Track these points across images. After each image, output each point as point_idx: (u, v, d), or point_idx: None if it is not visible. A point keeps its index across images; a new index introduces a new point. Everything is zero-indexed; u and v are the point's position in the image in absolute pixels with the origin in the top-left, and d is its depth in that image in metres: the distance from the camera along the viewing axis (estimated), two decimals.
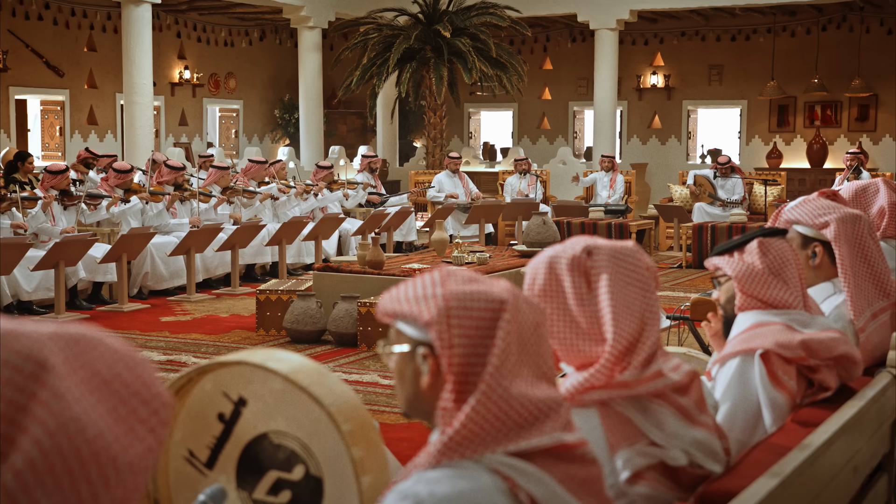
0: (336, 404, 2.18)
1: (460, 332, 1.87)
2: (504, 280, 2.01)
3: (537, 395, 1.88)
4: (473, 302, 1.89)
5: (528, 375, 1.89)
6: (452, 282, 1.93)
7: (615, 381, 2.35)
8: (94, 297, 10.66)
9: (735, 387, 3.00)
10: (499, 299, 1.89)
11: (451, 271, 1.98)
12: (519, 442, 1.86)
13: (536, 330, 1.94)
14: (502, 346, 1.85)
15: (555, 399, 1.91)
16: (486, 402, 1.83)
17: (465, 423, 1.83)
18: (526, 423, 1.86)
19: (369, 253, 9.22)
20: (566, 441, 1.90)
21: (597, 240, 2.47)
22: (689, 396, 2.43)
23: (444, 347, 1.86)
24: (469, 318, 1.87)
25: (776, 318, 3.08)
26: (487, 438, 1.84)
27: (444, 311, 1.88)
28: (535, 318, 1.94)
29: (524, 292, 2.49)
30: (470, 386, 1.85)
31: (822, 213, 3.66)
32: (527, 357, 1.91)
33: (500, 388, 1.84)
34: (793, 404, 2.96)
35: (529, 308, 1.94)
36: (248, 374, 2.32)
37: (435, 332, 1.87)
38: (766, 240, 3.14)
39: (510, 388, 1.85)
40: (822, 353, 2.98)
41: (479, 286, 1.92)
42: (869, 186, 4.95)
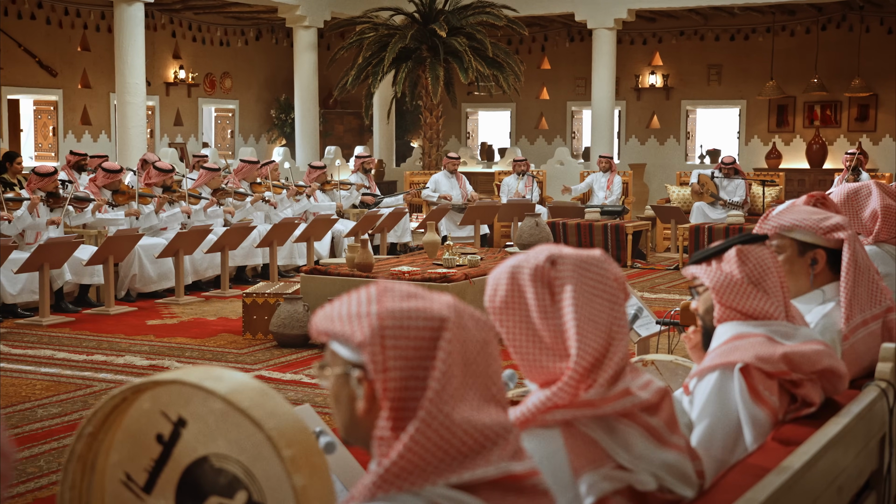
0: (278, 428, 2.03)
1: (396, 353, 1.73)
2: (447, 295, 1.86)
3: (483, 421, 1.74)
4: (410, 320, 1.75)
5: (473, 399, 1.75)
6: (389, 298, 1.79)
7: (580, 400, 2.20)
8: (81, 299, 10.52)
9: (714, 403, 2.85)
10: (439, 317, 1.75)
11: (388, 286, 1.84)
12: (462, 473, 1.71)
13: (484, 349, 1.80)
14: (443, 369, 1.71)
15: (503, 425, 1.76)
16: (426, 429, 1.69)
17: (403, 454, 1.69)
18: (470, 451, 1.72)
19: (358, 255, 9.08)
20: (514, 471, 1.75)
21: (562, 249, 2.33)
22: (659, 416, 2.28)
23: (378, 371, 1.73)
24: (405, 338, 1.73)
25: (756, 329, 2.93)
26: (428, 469, 1.70)
27: (378, 331, 1.74)
28: (482, 336, 1.80)
29: (486, 304, 2.35)
30: (408, 412, 1.71)
31: (822, 217, 3.51)
32: (472, 379, 1.77)
33: (442, 415, 1.70)
34: (774, 421, 2.81)
35: (476, 325, 1.80)
36: (187, 393, 2.17)
37: (368, 355, 1.73)
38: (744, 247, 2.99)
39: (452, 413, 1.71)
40: (805, 367, 2.83)
41: (417, 303, 1.78)
42: (861, 189, 4.80)
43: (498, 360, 1.83)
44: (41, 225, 10.19)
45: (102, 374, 7.57)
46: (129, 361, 7.97)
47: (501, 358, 1.85)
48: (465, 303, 1.84)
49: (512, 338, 2.28)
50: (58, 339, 8.86)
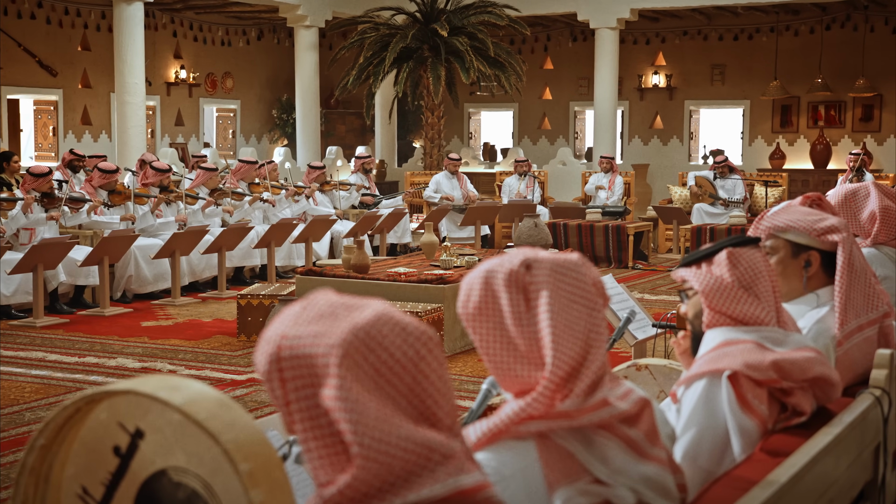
0: (235, 441, 1.93)
1: (295, 384, 1.63)
2: (372, 307, 1.73)
3: (419, 439, 1.64)
4: (307, 348, 1.64)
5: (401, 421, 1.65)
6: (293, 319, 1.69)
7: (555, 411, 2.10)
8: (76, 300, 10.43)
9: (701, 412, 2.75)
10: (334, 343, 1.64)
11: (311, 301, 1.74)
12: (407, 496, 1.61)
13: (414, 366, 1.68)
14: (347, 397, 1.60)
15: (441, 443, 1.66)
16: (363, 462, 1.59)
17: (344, 488, 1.60)
18: (413, 471, 1.62)
19: (354, 256, 8.99)
20: (464, 486, 1.65)
21: (538, 252, 2.23)
22: (638, 427, 2.18)
23: (280, 405, 1.63)
24: (299, 366, 1.63)
25: (746, 335, 2.82)
26: (371, 495, 1.61)
27: (276, 361, 1.64)
28: (411, 353, 1.69)
29: (458, 310, 2.25)
30: (329, 445, 1.61)
31: (817, 218, 3.40)
32: (395, 400, 1.66)
33: (375, 441, 1.60)
34: (763, 430, 2.71)
35: (403, 341, 1.68)
36: (144, 404, 2.08)
37: (267, 388, 1.64)
38: (736, 250, 2.89)
39: (385, 437, 1.61)
40: (796, 375, 2.73)
41: (319, 326, 1.67)
42: (859, 190, 4.70)
43: (437, 376, 1.71)
44: (41, 220, 10.11)
45: (93, 377, 7.48)
46: (120, 364, 7.89)
47: (444, 373, 1.73)
48: (398, 314, 1.73)
49: (485, 345, 2.18)
50: (50, 341, 8.78)
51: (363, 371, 1.63)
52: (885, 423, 2.98)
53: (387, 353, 1.66)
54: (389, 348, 1.66)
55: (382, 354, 1.65)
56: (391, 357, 1.66)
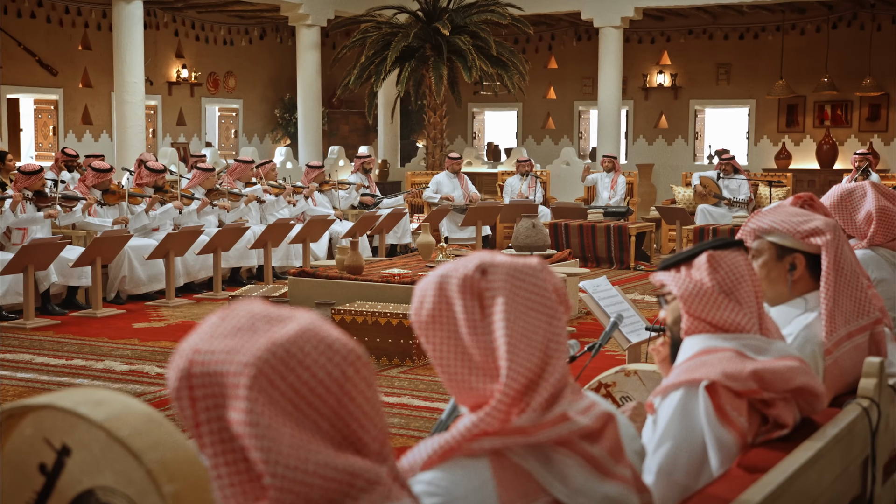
0: (160, 460, 1.79)
1: (206, 404, 1.50)
2: (302, 320, 1.60)
3: (341, 465, 1.50)
4: (219, 364, 1.51)
5: (322, 445, 1.51)
6: (209, 331, 1.55)
7: (510, 427, 1.96)
8: (69, 301, 10.31)
9: (677, 423, 2.61)
10: (247, 361, 1.50)
11: (231, 312, 1.60)
12: None
13: (339, 386, 1.54)
14: (257, 422, 1.46)
15: (365, 469, 1.52)
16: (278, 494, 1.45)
17: None
18: (334, 500, 1.48)
19: (348, 257, 8.86)
20: None
21: (496, 256, 2.09)
22: (601, 444, 2.04)
23: (189, 427, 1.49)
24: (211, 384, 1.50)
25: (726, 343, 2.68)
26: None
27: (186, 377, 1.50)
28: (336, 373, 1.55)
29: (411, 318, 2.11)
30: (242, 472, 1.47)
31: (803, 219, 3.26)
32: (315, 424, 1.52)
33: (289, 470, 1.46)
34: (743, 444, 2.57)
35: (328, 360, 1.54)
36: (70, 419, 1.95)
37: (176, 407, 1.50)
38: (716, 253, 2.75)
39: (301, 466, 1.47)
40: (778, 385, 2.59)
41: (233, 341, 1.53)
42: (855, 190, 4.55)
43: (364, 398, 1.57)
44: (38, 219, 10.00)
45: (79, 380, 7.36)
46: (108, 367, 7.76)
47: (373, 394, 1.59)
48: (324, 329, 1.59)
49: (439, 355, 2.04)
50: (39, 343, 8.65)
51: (280, 392, 1.49)
52: (874, 435, 2.83)
53: (308, 372, 1.52)
54: (311, 367, 1.52)
55: (303, 374, 1.51)
56: (313, 377, 1.52)
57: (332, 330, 1.59)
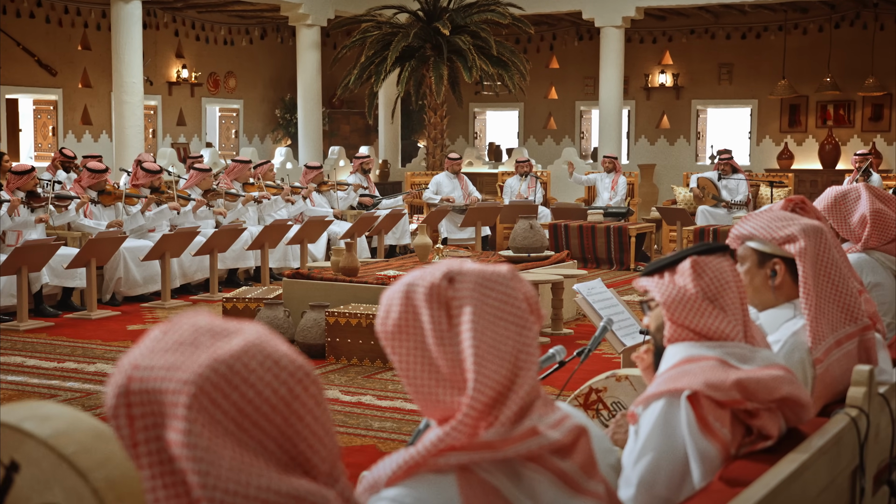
0: (108, 479, 1.71)
1: (144, 423, 1.42)
2: (248, 334, 1.52)
3: (285, 488, 1.42)
4: (158, 382, 1.43)
5: (266, 467, 1.43)
6: (150, 345, 1.48)
7: (478, 441, 1.89)
8: (64, 303, 10.25)
9: (658, 434, 2.53)
10: (187, 378, 1.43)
11: (174, 326, 1.52)
12: None
13: (286, 405, 1.47)
14: (195, 443, 1.39)
15: (311, 491, 1.45)
16: None
17: None
18: None
19: (343, 259, 8.79)
20: None
21: (464, 264, 2.01)
22: (573, 459, 1.97)
23: (127, 446, 1.42)
24: (149, 402, 1.42)
25: (710, 351, 2.60)
26: None
27: (124, 394, 1.43)
28: (285, 390, 1.47)
29: (377, 328, 2.04)
30: (182, 496, 1.40)
31: (781, 225, 3.18)
32: (260, 444, 1.45)
33: (226, 494, 1.38)
34: (726, 455, 2.49)
35: (274, 377, 1.47)
36: (17, 434, 1.87)
37: (113, 426, 1.43)
38: (701, 258, 2.67)
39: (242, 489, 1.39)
40: (762, 395, 2.51)
41: (173, 357, 1.46)
42: (849, 192, 4.47)
43: (313, 417, 1.49)
44: (28, 223, 9.92)
45: (70, 383, 7.29)
46: (100, 369, 7.69)
47: (322, 413, 1.52)
48: (272, 345, 1.51)
49: (405, 367, 1.97)
50: (32, 345, 8.59)
51: (222, 411, 1.42)
52: (863, 445, 2.75)
53: (253, 390, 1.44)
54: (256, 385, 1.45)
55: (247, 392, 1.44)
56: (258, 395, 1.44)
57: (280, 345, 1.51)
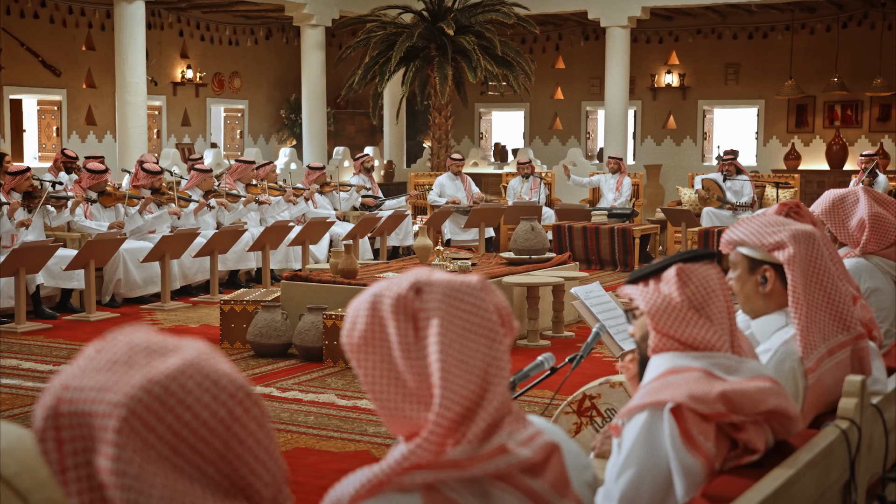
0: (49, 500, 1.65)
1: (73, 447, 1.35)
2: (187, 353, 1.45)
3: None
4: (88, 404, 1.36)
5: (203, 494, 1.36)
6: (83, 364, 1.41)
7: (444, 460, 1.82)
8: (63, 305, 10.20)
9: (641, 448, 2.45)
10: (118, 400, 1.35)
11: (108, 343, 1.45)
12: None
13: (226, 428, 1.40)
14: (125, 470, 1.32)
15: None
16: None
17: None
18: None
19: (342, 261, 8.72)
20: None
21: (434, 274, 1.94)
22: (543, 478, 1.89)
23: (55, 472, 1.35)
24: (79, 425, 1.35)
25: (695, 362, 2.53)
26: None
27: (52, 417, 1.36)
28: (224, 412, 1.40)
29: (342, 340, 1.97)
30: None
31: (771, 230, 3.10)
32: (207, 468, 1.37)
33: None
34: (710, 470, 2.41)
35: (212, 398, 1.40)
36: None
37: (40, 451, 1.35)
38: (686, 266, 2.59)
39: None
40: (748, 408, 2.43)
41: (111, 375, 1.38)
42: (848, 196, 4.39)
43: (255, 440, 1.42)
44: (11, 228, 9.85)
45: None
46: None
47: (265, 435, 1.44)
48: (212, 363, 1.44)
49: (371, 381, 1.90)
50: (28, 348, 8.53)
51: (155, 435, 1.34)
52: (854, 458, 2.67)
53: (189, 412, 1.37)
54: (193, 407, 1.38)
55: (184, 414, 1.37)
56: (195, 417, 1.37)
57: (221, 364, 1.44)
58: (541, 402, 6.50)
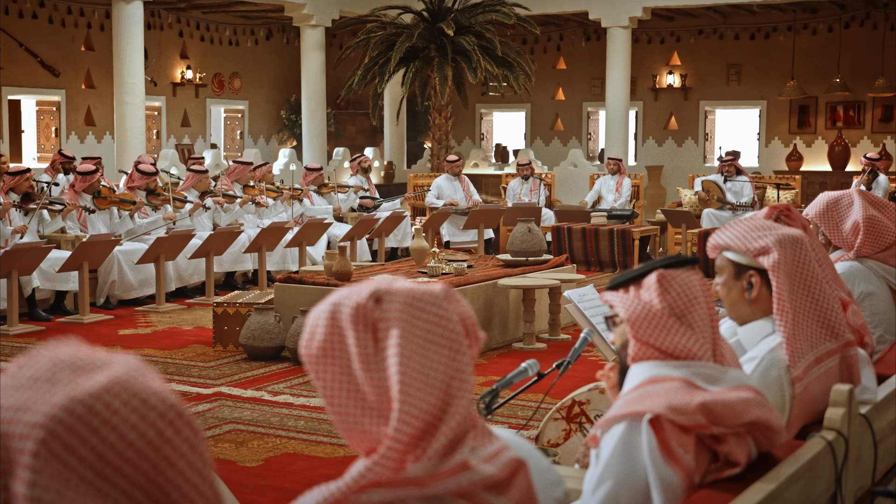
0: None
1: None
2: (114, 370, 1.37)
3: None
4: (5, 425, 1.28)
5: None
6: (4, 382, 1.33)
7: (403, 477, 1.74)
8: (57, 307, 10.12)
9: (618, 461, 2.37)
10: (36, 421, 1.28)
11: (32, 358, 1.37)
12: None
13: (156, 450, 1.32)
14: (40, 498, 1.24)
15: None
16: None
17: None
18: None
19: (336, 263, 8.64)
20: None
21: (396, 282, 1.86)
22: (508, 495, 1.81)
23: None
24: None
25: (675, 371, 2.45)
26: None
27: None
28: (153, 433, 1.32)
29: (301, 351, 1.89)
30: None
31: (757, 234, 3.02)
32: (135, 492, 1.29)
33: None
34: (689, 483, 2.33)
35: (140, 418, 1.32)
36: None
37: None
38: (667, 272, 2.51)
39: None
40: (729, 419, 2.35)
41: (31, 393, 1.30)
42: (842, 198, 4.31)
43: (187, 462, 1.34)
44: (6, 234, 9.78)
45: None
46: None
47: (197, 457, 1.36)
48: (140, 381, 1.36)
49: (329, 394, 1.83)
50: (19, 351, 8.46)
51: (78, 458, 1.26)
52: (841, 471, 2.59)
53: (115, 433, 1.29)
54: (119, 427, 1.29)
55: (109, 436, 1.28)
56: (121, 439, 1.29)
57: (151, 381, 1.36)
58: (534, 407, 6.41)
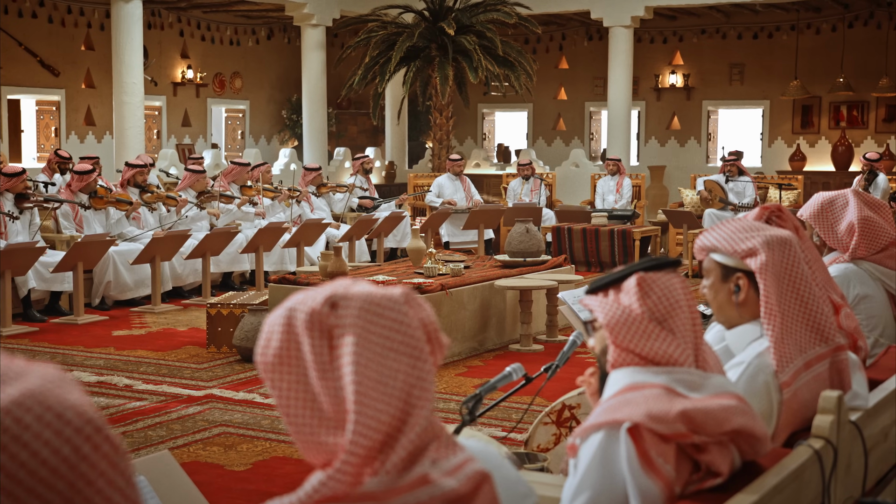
0: None
1: None
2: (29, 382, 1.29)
3: None
4: None
5: None
6: None
7: (360, 492, 1.65)
8: (51, 307, 10.05)
9: (596, 471, 2.29)
10: None
11: None
12: None
13: (72, 469, 1.23)
14: None
15: None
16: None
17: None
18: None
19: (331, 263, 8.56)
20: None
21: (353, 286, 1.77)
22: None
23: None
24: None
25: (655, 378, 2.36)
26: None
27: None
28: (69, 450, 1.24)
29: (256, 359, 1.81)
30: None
31: (744, 236, 2.93)
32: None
33: None
34: (669, 494, 2.25)
35: (55, 434, 1.24)
36: None
37: None
38: (648, 275, 2.42)
39: None
40: (710, 428, 2.27)
41: None
42: (837, 199, 4.22)
43: (106, 480, 1.26)
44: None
45: None
46: (76, 377, 7.46)
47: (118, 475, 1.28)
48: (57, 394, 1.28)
49: (285, 403, 1.74)
50: (12, 351, 8.38)
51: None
52: (829, 481, 2.50)
53: (27, 450, 1.20)
54: (31, 444, 1.21)
55: (20, 453, 1.20)
56: (33, 456, 1.20)
57: (69, 394, 1.27)
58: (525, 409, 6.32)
